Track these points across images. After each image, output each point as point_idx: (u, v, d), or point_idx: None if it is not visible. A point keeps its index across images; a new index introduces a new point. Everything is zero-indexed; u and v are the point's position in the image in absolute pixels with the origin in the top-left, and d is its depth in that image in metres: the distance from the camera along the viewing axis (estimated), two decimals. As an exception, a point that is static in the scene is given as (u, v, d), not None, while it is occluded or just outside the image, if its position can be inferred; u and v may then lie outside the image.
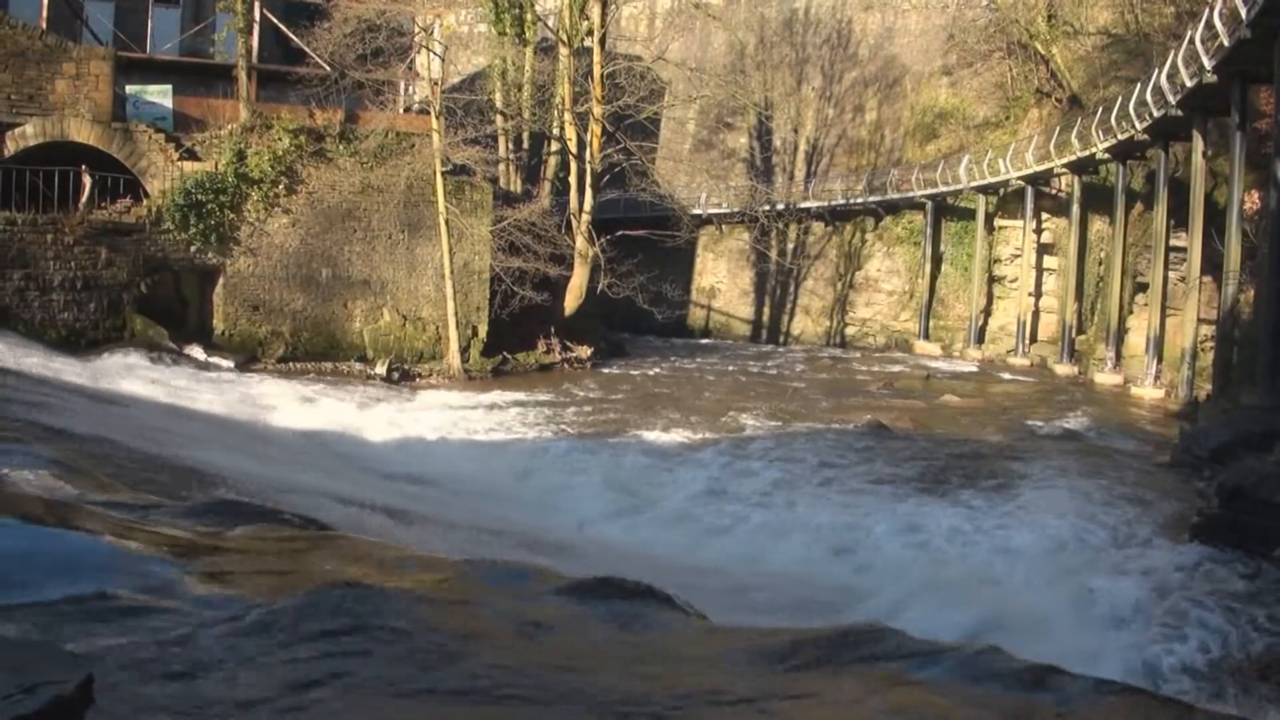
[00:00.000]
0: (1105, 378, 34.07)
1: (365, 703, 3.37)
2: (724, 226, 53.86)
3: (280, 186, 31.17)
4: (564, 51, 38.69)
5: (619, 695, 3.56)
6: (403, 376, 31.42)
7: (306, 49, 33.97)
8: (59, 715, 2.48)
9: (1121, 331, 34.67)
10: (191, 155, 30.60)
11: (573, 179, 38.99)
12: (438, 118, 32.97)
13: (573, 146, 38.69)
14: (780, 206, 50.91)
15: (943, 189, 46.01)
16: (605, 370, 36.42)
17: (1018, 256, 43.80)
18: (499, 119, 40.14)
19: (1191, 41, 27.35)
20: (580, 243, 37.19)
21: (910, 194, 47.71)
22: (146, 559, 5.34)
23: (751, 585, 12.46)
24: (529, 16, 41.36)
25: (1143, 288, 33.80)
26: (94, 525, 6.24)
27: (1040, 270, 43.07)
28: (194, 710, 3.17)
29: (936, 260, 47.37)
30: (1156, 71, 30.60)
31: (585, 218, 37.52)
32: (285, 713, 3.24)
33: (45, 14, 33.80)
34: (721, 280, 54.63)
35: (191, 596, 4.57)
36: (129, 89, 32.49)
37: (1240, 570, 13.41)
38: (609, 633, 4.45)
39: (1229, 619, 11.76)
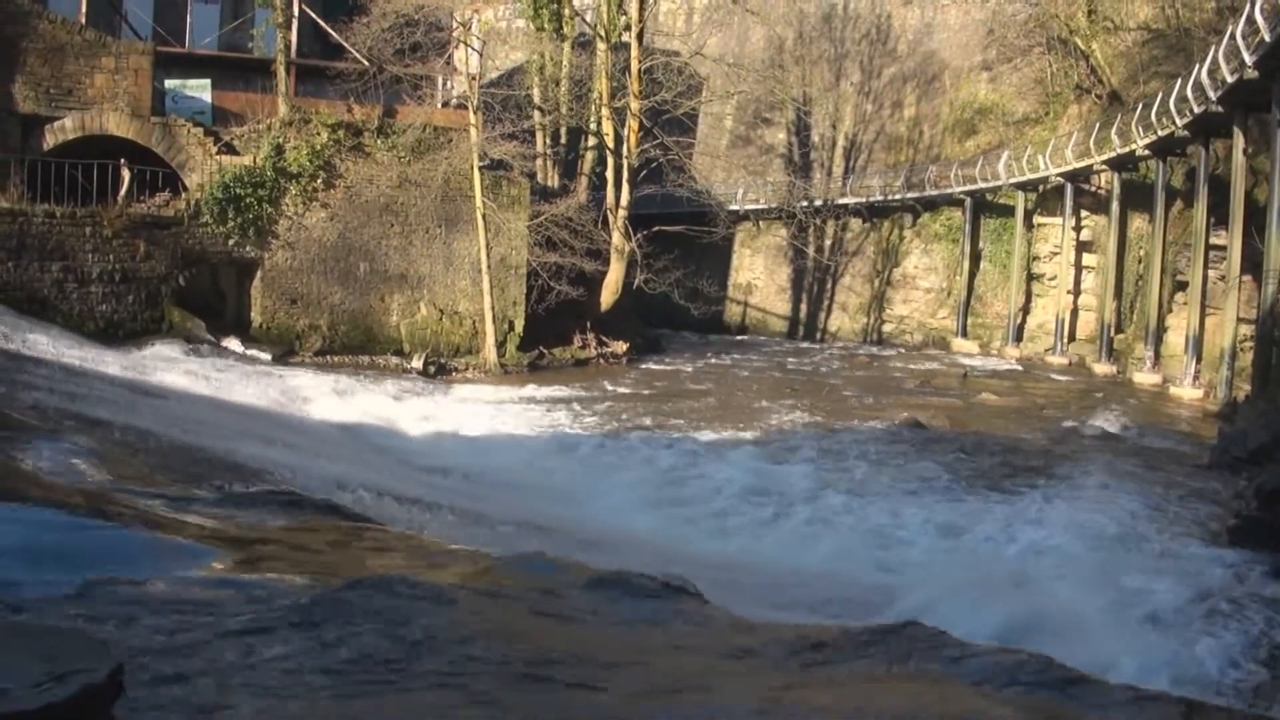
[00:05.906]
0: (1144, 377, 33.75)
1: (392, 692, 3.37)
2: (761, 222, 53.78)
3: (318, 180, 31.30)
4: (602, 47, 38.69)
5: (634, 683, 3.56)
6: (439, 370, 31.47)
7: (345, 44, 34.10)
8: (89, 704, 2.48)
9: (1160, 330, 34.34)
10: (230, 149, 30.77)
11: (610, 174, 38.99)
12: (475, 112, 33.04)
13: (610, 142, 38.67)
14: (818, 203, 50.82)
15: (981, 185, 45.74)
16: (641, 366, 36.41)
17: (1057, 254, 43.43)
18: (536, 114, 40.22)
19: (1233, 37, 27.03)
20: (617, 238, 37.19)
21: (949, 190, 47.51)
22: (183, 549, 5.38)
23: (786, 582, 12.40)
24: (567, 12, 41.41)
25: (1182, 286, 33.47)
26: (131, 515, 6.29)
27: (1079, 268, 42.75)
28: (226, 701, 3.17)
29: (975, 257, 47.12)
30: (1197, 67, 30.25)
31: (622, 213, 37.51)
32: (319, 704, 3.24)
33: (85, 9, 34.00)
34: (758, 277, 54.55)
35: (228, 586, 4.59)
36: (168, 83, 32.71)
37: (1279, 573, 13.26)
38: (631, 623, 4.44)
39: (1268, 622, 11.62)
